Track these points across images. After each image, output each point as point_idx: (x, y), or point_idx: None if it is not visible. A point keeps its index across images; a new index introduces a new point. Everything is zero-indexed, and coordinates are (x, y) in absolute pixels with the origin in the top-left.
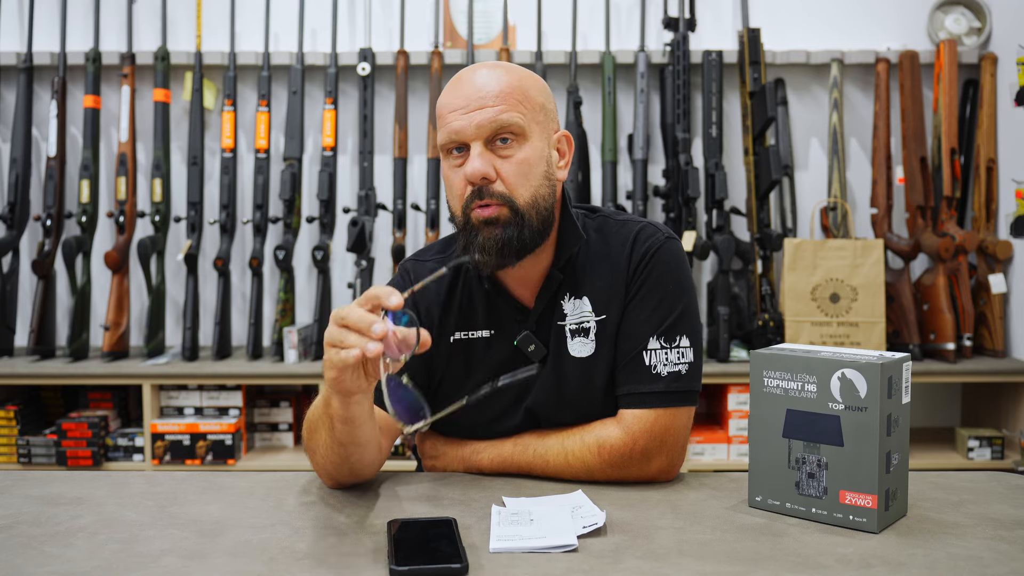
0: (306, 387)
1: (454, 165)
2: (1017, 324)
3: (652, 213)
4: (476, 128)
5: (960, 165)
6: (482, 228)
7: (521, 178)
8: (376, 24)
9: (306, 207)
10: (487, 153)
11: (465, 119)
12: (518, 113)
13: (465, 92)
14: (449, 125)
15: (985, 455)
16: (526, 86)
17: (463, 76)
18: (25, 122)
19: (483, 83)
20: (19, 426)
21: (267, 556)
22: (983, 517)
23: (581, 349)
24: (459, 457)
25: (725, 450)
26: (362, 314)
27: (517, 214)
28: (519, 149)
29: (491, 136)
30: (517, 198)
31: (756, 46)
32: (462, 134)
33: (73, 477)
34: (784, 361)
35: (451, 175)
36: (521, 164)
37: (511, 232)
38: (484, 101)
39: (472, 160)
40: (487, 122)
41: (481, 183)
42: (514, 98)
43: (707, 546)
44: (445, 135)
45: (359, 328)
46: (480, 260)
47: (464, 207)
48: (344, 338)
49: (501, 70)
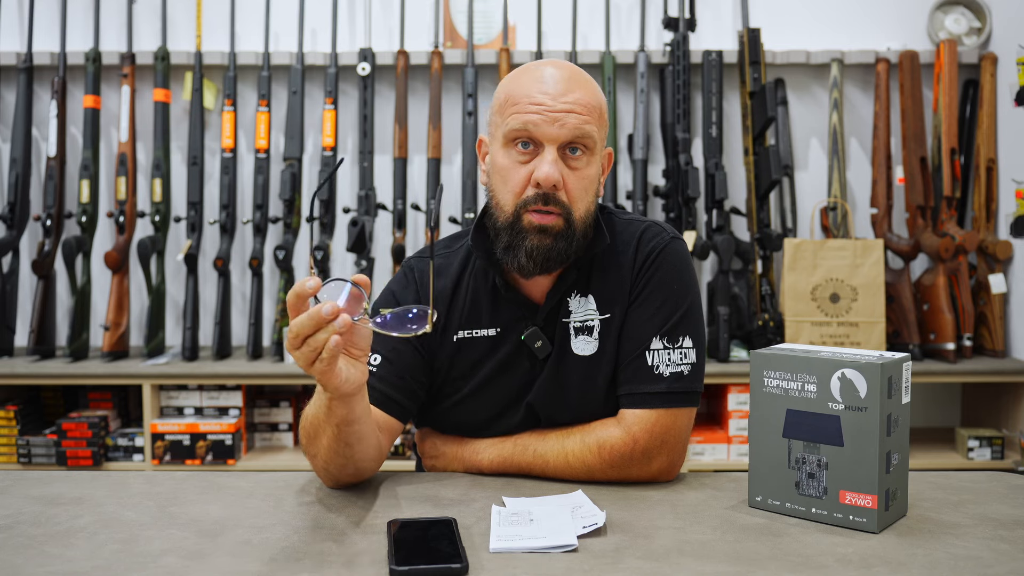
0: (306, 387)
1: (518, 160)
2: (1017, 324)
3: (652, 213)
4: (559, 131)
5: (960, 165)
6: (533, 233)
7: (583, 192)
8: (376, 24)
9: (306, 207)
10: (559, 160)
11: (549, 117)
12: (596, 128)
13: (550, 89)
14: (527, 117)
15: (985, 455)
16: (602, 101)
17: (544, 70)
18: (25, 122)
19: (570, 87)
20: (19, 426)
21: (267, 556)
22: (983, 517)
23: (584, 347)
24: (459, 457)
25: (725, 450)
26: (306, 314)
27: (571, 227)
28: (587, 164)
29: (567, 143)
30: (575, 211)
31: (756, 46)
32: (541, 131)
33: (73, 477)
34: (784, 361)
35: (511, 168)
36: (585, 178)
37: (560, 245)
38: (573, 107)
39: (546, 164)
40: (571, 129)
41: (550, 190)
42: (596, 112)
43: (707, 546)
44: (519, 124)
45: (316, 326)
46: (524, 265)
47: (520, 205)
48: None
49: (583, 77)
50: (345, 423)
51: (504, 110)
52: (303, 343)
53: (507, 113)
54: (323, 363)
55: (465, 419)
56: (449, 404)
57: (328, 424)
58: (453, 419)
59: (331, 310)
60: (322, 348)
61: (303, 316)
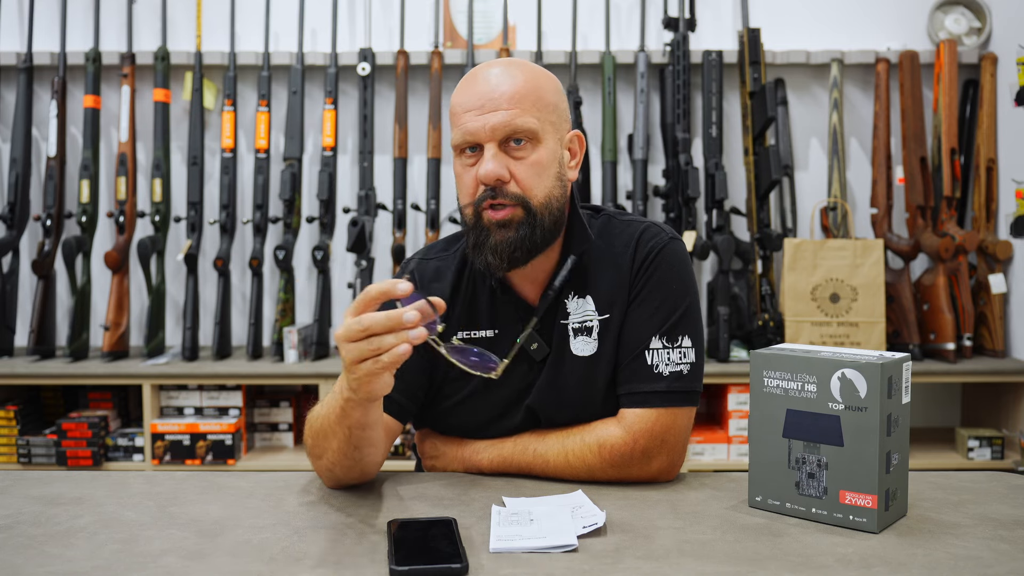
0: (306, 387)
1: (467, 164)
2: (1017, 324)
3: (652, 213)
4: (491, 130)
5: (960, 165)
6: (494, 230)
7: (535, 179)
8: (376, 24)
9: (306, 207)
10: (501, 154)
11: (479, 120)
12: (532, 116)
13: (479, 92)
14: (464, 125)
15: (985, 455)
16: (540, 86)
17: (478, 74)
18: (25, 122)
19: (497, 83)
20: (19, 426)
21: (267, 556)
22: (983, 517)
23: (584, 348)
24: (459, 457)
25: (725, 450)
26: (386, 314)
27: (530, 214)
28: (533, 151)
29: (505, 138)
30: (531, 198)
31: (756, 46)
32: (476, 135)
33: (73, 477)
34: (784, 361)
35: (463, 174)
36: (534, 165)
37: (524, 232)
38: (498, 103)
39: (486, 162)
40: (501, 125)
41: (495, 184)
42: (528, 100)
43: (707, 546)
44: (459, 135)
45: (389, 327)
46: (491, 263)
47: (476, 206)
48: (380, 344)
49: (516, 69)
50: (359, 427)
51: (453, 121)
52: (366, 339)
53: (453, 124)
54: (379, 365)
55: (465, 420)
56: (449, 405)
57: (340, 426)
58: (453, 420)
59: (413, 318)
60: (385, 351)
61: (380, 314)
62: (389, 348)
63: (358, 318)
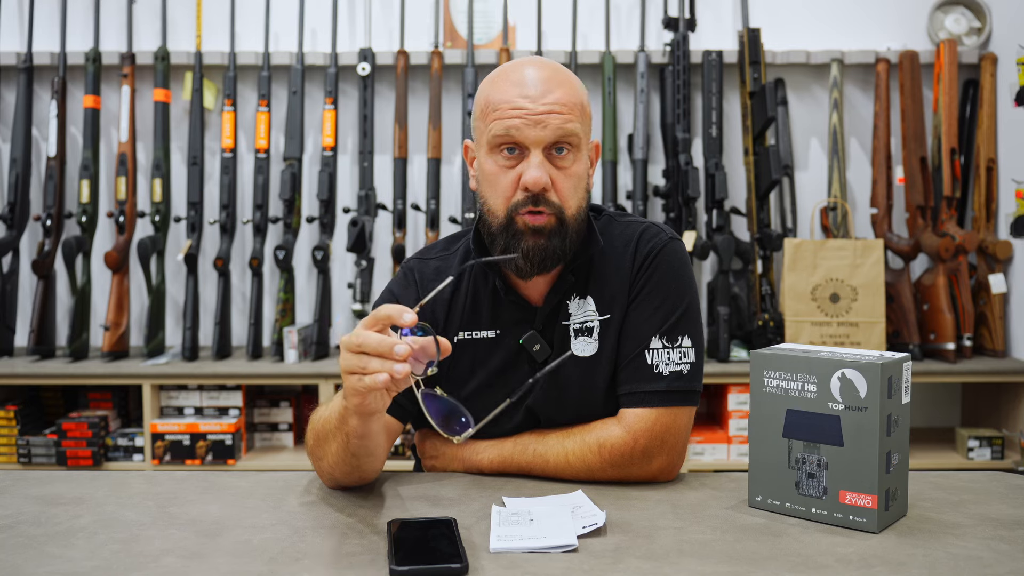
0: (306, 387)
1: (504, 165)
2: (1017, 324)
3: (652, 213)
4: (543, 134)
5: (960, 165)
6: (528, 235)
7: (572, 190)
8: (376, 24)
9: (306, 207)
10: (545, 161)
11: (531, 121)
12: (580, 124)
13: (532, 91)
14: (509, 122)
15: (985, 455)
16: (583, 95)
17: (526, 71)
18: (25, 122)
19: (551, 87)
20: (19, 426)
21: (267, 556)
22: (983, 517)
23: (584, 348)
24: (459, 457)
25: (725, 450)
26: (380, 338)
27: (563, 224)
28: (574, 161)
29: (552, 144)
30: (567, 209)
31: (756, 46)
32: (524, 135)
33: (73, 477)
34: (784, 361)
35: (499, 174)
36: (573, 177)
37: (556, 242)
38: (554, 107)
39: (533, 168)
40: (554, 130)
41: (541, 193)
42: (579, 107)
43: (707, 546)
44: (502, 130)
45: (379, 352)
46: (521, 266)
47: (511, 209)
48: (366, 364)
49: (564, 75)
50: (356, 436)
51: (486, 116)
52: (359, 355)
53: (489, 119)
54: (360, 384)
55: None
56: None
57: (339, 432)
58: None
59: (403, 352)
60: (367, 374)
61: (376, 336)
62: (372, 372)
63: (361, 332)
